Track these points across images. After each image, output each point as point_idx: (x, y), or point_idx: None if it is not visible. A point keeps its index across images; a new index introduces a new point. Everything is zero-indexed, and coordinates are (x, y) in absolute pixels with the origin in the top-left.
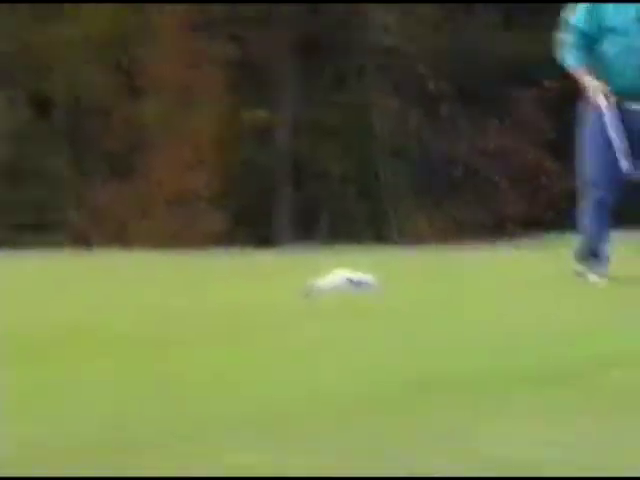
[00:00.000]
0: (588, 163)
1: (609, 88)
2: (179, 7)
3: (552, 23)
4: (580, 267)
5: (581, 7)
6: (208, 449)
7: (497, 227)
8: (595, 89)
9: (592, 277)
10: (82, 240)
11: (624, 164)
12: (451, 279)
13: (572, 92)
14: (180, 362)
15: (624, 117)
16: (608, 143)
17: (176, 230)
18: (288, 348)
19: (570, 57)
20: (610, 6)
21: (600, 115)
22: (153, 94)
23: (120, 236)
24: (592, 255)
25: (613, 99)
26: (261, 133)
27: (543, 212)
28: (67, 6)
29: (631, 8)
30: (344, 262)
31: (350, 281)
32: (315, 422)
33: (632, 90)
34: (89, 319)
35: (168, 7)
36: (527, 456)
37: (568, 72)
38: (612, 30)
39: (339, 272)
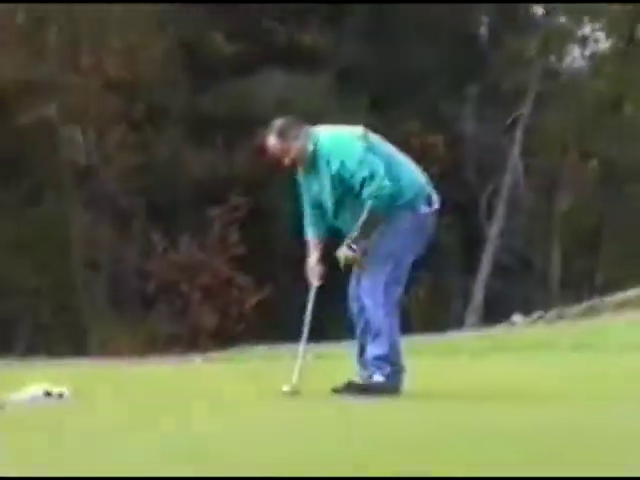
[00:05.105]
0: None
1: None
2: None
3: (243, 144)
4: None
5: None
6: None
7: (191, 339)
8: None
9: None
10: None
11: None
12: (144, 393)
13: (257, 209)
14: None
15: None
16: None
17: None
18: None
19: None
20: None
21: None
22: None
23: None
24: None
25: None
26: None
27: (234, 325)
28: None
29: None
30: (40, 376)
31: (46, 394)
32: None
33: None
34: None
35: None
36: None
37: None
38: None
39: (35, 386)
